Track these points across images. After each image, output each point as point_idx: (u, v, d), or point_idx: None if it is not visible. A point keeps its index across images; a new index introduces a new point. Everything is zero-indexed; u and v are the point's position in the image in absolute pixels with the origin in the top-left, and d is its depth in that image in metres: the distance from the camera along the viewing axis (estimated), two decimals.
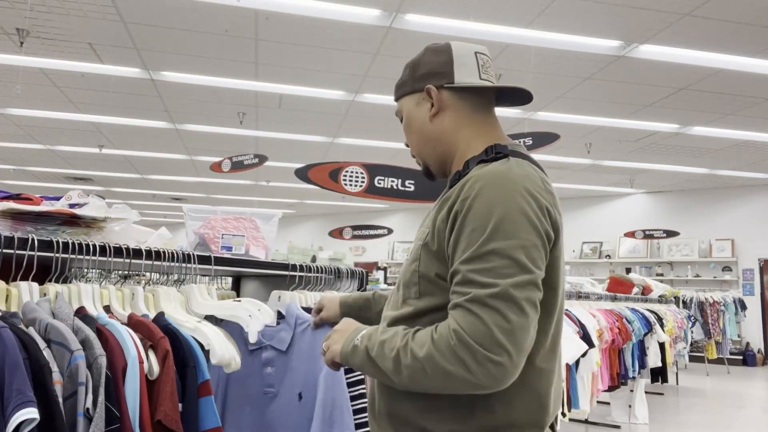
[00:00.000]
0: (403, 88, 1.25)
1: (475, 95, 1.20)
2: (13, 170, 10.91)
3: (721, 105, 6.33)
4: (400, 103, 1.26)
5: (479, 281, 0.96)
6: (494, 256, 0.97)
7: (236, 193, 12.92)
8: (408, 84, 1.24)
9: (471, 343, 0.93)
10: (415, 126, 1.22)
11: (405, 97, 1.24)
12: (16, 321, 1.12)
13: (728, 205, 10.60)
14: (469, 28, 4.68)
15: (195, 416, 1.22)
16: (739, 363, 9.86)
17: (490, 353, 0.92)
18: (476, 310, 0.95)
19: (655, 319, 5.37)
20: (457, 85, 1.18)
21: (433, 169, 1.25)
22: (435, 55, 1.20)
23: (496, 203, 1.00)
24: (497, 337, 0.93)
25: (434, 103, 1.19)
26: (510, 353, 0.93)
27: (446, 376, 0.95)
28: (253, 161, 6.67)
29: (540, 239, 1.00)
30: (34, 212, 1.44)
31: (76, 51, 5.38)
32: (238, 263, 1.76)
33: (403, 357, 1.01)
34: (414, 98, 1.22)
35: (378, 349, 1.06)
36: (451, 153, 1.20)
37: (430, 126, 1.20)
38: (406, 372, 1.00)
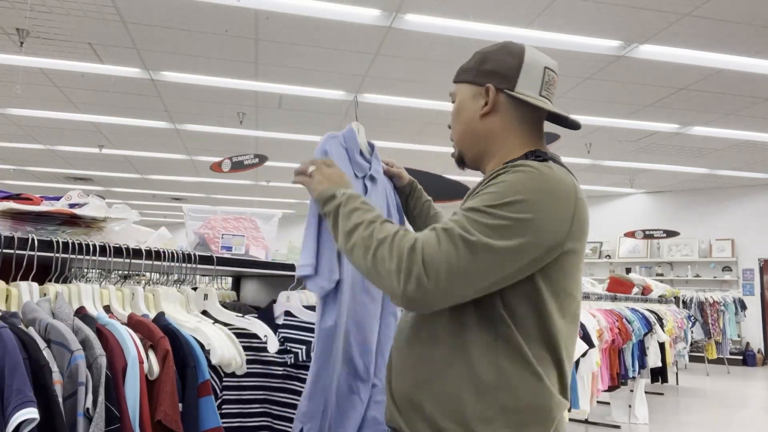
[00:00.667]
0: (465, 75, 1.24)
1: (529, 108, 1.20)
2: (13, 170, 10.91)
3: (721, 105, 6.33)
4: (458, 88, 1.26)
5: (464, 224, 1.01)
6: (493, 217, 1.01)
7: (236, 193, 12.92)
8: (471, 73, 1.23)
9: (418, 256, 0.99)
10: (464, 116, 1.23)
11: (464, 84, 1.24)
12: (16, 321, 1.12)
13: (728, 205, 10.60)
14: (469, 28, 4.68)
15: (195, 416, 1.23)
16: (739, 363, 9.86)
17: (423, 273, 0.98)
18: (442, 238, 1.00)
19: (655, 319, 5.37)
20: (515, 94, 1.17)
21: (467, 160, 1.27)
22: (506, 56, 1.20)
23: (526, 188, 1.03)
24: (439, 265, 0.98)
25: (489, 102, 1.19)
26: (438, 284, 0.98)
27: (380, 264, 1.03)
28: (253, 161, 6.68)
29: (543, 243, 1.02)
30: (34, 212, 1.44)
31: (76, 51, 5.38)
32: (238, 263, 1.76)
33: (362, 229, 1.09)
34: (472, 89, 1.22)
35: (348, 211, 1.14)
36: (490, 154, 1.22)
37: (478, 122, 1.21)
38: (354, 239, 1.09)
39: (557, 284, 1.08)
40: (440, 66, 5.48)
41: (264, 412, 1.64)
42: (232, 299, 1.96)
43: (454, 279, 0.98)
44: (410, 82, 5.90)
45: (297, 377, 1.62)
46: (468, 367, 1.07)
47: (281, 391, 1.64)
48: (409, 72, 5.67)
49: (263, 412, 1.64)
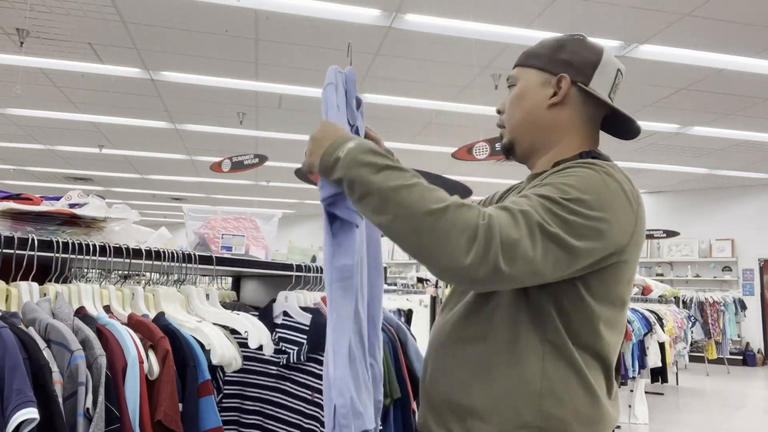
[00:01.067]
0: (534, 60, 1.16)
1: (596, 108, 1.16)
2: (13, 170, 10.91)
3: (721, 105, 6.33)
4: (522, 72, 1.18)
5: (541, 213, 0.93)
6: (570, 212, 0.95)
7: (236, 193, 12.92)
8: (542, 59, 1.15)
9: (497, 237, 0.89)
10: (527, 104, 1.15)
11: (532, 69, 1.16)
12: (16, 321, 1.12)
13: (728, 205, 10.60)
14: (469, 28, 4.68)
15: (195, 416, 1.23)
16: (739, 363, 9.86)
17: (501, 255, 0.89)
18: (520, 222, 0.92)
19: (655, 319, 5.37)
20: (589, 89, 1.13)
21: (518, 150, 1.19)
22: (584, 50, 1.15)
23: (600, 188, 0.99)
24: (517, 250, 0.90)
25: (560, 93, 1.13)
26: (512, 269, 0.90)
27: (439, 237, 0.89)
28: (253, 161, 6.68)
29: (608, 248, 0.98)
30: (34, 212, 1.44)
31: (76, 51, 5.38)
32: (238, 263, 1.76)
33: (407, 193, 0.92)
34: (541, 76, 1.15)
35: (377, 167, 0.96)
36: (547, 148, 1.16)
37: (544, 112, 1.14)
38: (396, 208, 0.92)
39: (611, 292, 1.04)
40: (440, 66, 5.48)
41: (257, 411, 1.65)
42: (232, 299, 1.96)
43: (526, 266, 0.91)
44: (410, 82, 5.90)
45: (290, 378, 1.62)
46: (516, 371, 1.02)
47: (275, 391, 1.64)
48: (409, 72, 5.66)
49: (257, 411, 1.65)
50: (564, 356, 1.02)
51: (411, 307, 5.01)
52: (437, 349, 1.14)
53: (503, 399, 1.02)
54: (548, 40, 1.18)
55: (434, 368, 1.13)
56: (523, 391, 1.01)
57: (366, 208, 0.97)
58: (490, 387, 1.03)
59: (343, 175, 0.98)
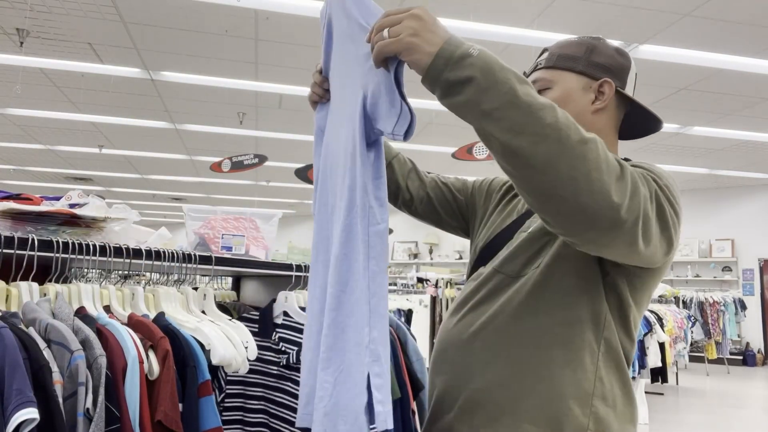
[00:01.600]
0: (571, 63, 1.11)
1: (621, 112, 1.16)
2: (13, 170, 10.91)
3: (721, 105, 6.33)
4: (558, 75, 1.11)
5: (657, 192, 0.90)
6: (673, 202, 0.92)
7: (236, 193, 12.92)
8: (580, 62, 1.11)
9: (640, 186, 0.84)
10: (572, 109, 1.05)
11: (569, 72, 1.11)
12: (16, 321, 1.12)
13: (728, 205, 10.60)
14: (469, 28, 4.68)
15: (195, 416, 1.22)
16: (739, 363, 9.86)
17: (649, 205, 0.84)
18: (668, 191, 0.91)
19: (654, 319, 5.37)
20: (628, 94, 1.12)
21: None
22: (617, 54, 1.13)
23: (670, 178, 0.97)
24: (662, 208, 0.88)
25: (605, 99, 1.10)
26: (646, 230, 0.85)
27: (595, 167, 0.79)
28: (253, 161, 6.68)
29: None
30: (34, 212, 1.44)
31: (76, 51, 5.38)
32: (238, 263, 1.76)
33: (553, 112, 0.80)
34: (582, 81, 1.11)
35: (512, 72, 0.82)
36: None
37: (589, 117, 1.10)
38: (545, 128, 0.78)
39: (647, 294, 1.05)
40: None
41: (262, 410, 1.65)
42: (232, 299, 1.96)
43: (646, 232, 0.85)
44: (410, 82, 5.89)
45: (290, 378, 1.62)
46: (569, 370, 0.98)
47: (278, 391, 1.64)
48: (409, 72, 5.66)
49: (262, 409, 1.65)
50: (613, 356, 1.01)
51: (411, 307, 5.01)
52: (462, 349, 1.08)
53: (555, 400, 0.98)
54: (574, 42, 1.14)
55: (463, 369, 1.07)
56: (576, 392, 0.98)
57: (499, 125, 0.80)
58: (541, 387, 0.99)
59: (477, 74, 0.80)
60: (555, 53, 1.13)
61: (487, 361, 1.05)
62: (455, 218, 1.38)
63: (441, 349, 1.15)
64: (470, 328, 1.09)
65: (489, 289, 1.10)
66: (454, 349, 1.10)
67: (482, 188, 1.37)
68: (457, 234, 1.42)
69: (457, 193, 1.37)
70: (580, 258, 0.99)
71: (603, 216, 0.80)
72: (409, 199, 1.36)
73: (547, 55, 1.14)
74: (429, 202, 1.36)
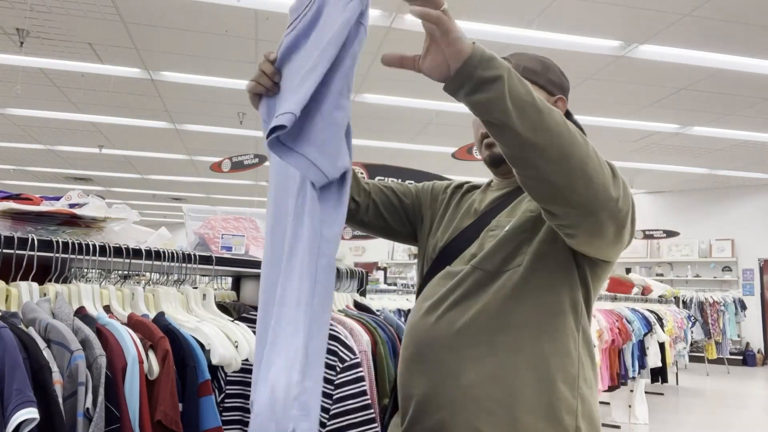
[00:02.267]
0: (534, 76, 1.16)
1: None
2: (13, 170, 10.91)
3: (721, 105, 6.33)
4: None
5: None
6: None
7: (236, 193, 12.92)
8: (541, 77, 1.17)
9: (627, 186, 0.97)
10: None
11: (533, 85, 1.07)
12: (16, 321, 1.12)
13: (728, 205, 10.60)
14: (470, 28, 4.68)
15: (195, 416, 1.23)
16: (739, 363, 9.86)
17: (630, 208, 0.98)
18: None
19: (655, 319, 5.37)
20: (571, 113, 1.20)
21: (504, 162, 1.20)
22: (563, 76, 1.22)
23: None
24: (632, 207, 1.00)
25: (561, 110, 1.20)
26: (629, 222, 0.99)
27: (598, 164, 0.90)
28: (253, 161, 6.67)
29: None
30: (34, 212, 1.44)
31: (76, 51, 5.38)
32: (238, 263, 1.76)
33: (560, 115, 0.90)
34: (542, 95, 1.16)
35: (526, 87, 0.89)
36: None
37: None
38: (558, 126, 0.87)
39: (601, 286, 1.17)
40: None
41: None
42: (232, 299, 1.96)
43: (630, 225, 1.02)
44: (410, 82, 5.90)
45: None
46: (560, 357, 1.06)
47: None
48: (409, 72, 5.65)
49: None
50: (586, 340, 1.11)
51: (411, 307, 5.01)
52: (446, 347, 1.10)
53: (548, 387, 1.04)
54: (530, 57, 1.20)
55: (450, 367, 1.09)
56: (565, 377, 1.06)
57: (522, 121, 0.86)
58: (534, 376, 1.04)
59: (505, 74, 0.86)
60: (519, 64, 1.16)
61: (477, 356, 1.07)
62: (401, 223, 1.37)
63: (416, 350, 1.15)
64: (454, 326, 1.10)
65: (468, 286, 1.12)
66: (438, 347, 1.11)
67: (426, 191, 1.39)
68: (403, 241, 1.42)
69: (402, 197, 1.37)
70: (561, 252, 1.08)
71: (605, 206, 0.90)
72: (355, 208, 1.31)
73: (513, 65, 1.13)
74: (375, 208, 1.33)
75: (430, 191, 1.38)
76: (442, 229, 1.28)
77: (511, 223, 1.13)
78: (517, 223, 1.12)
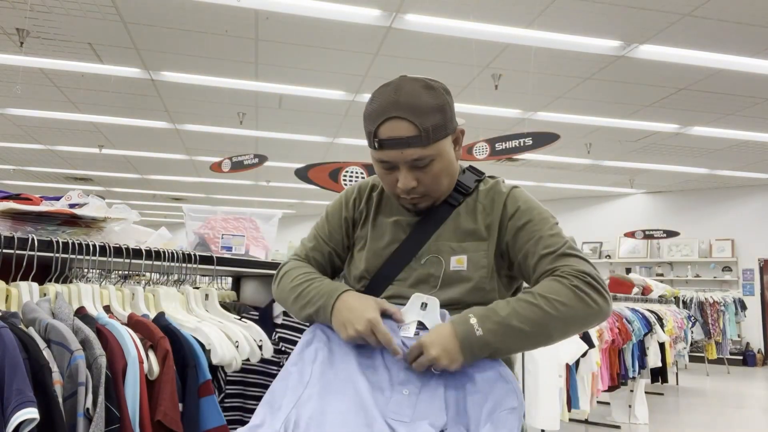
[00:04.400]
0: (444, 132, 1.19)
1: None
2: (13, 170, 10.91)
3: (721, 105, 6.33)
4: (437, 146, 1.18)
5: (561, 242, 1.19)
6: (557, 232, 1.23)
7: (236, 193, 12.92)
8: (447, 127, 1.20)
9: (598, 280, 1.14)
10: (450, 167, 1.23)
11: (444, 139, 1.20)
12: (16, 321, 1.12)
13: (728, 205, 10.59)
14: (469, 28, 4.68)
15: (196, 416, 1.22)
16: (739, 363, 9.86)
17: (606, 289, 1.15)
18: (583, 257, 1.17)
19: (655, 320, 5.37)
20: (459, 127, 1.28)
21: (434, 203, 1.27)
22: (450, 96, 1.25)
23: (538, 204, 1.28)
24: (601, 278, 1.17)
25: (461, 143, 1.28)
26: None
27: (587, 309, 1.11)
28: (253, 161, 6.67)
29: None
30: (34, 212, 1.44)
31: (76, 51, 5.38)
32: (238, 263, 1.76)
33: (548, 306, 1.10)
34: (449, 139, 1.22)
35: (513, 316, 1.10)
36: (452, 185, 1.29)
37: (455, 164, 1.27)
38: (556, 313, 1.09)
39: None
40: (440, 66, 5.48)
41: None
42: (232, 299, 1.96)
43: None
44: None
45: None
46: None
47: None
48: (409, 72, 5.65)
49: None
50: None
51: None
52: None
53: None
54: (432, 106, 1.16)
55: None
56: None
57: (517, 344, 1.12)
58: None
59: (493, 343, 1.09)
60: (428, 128, 1.15)
61: None
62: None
63: None
64: None
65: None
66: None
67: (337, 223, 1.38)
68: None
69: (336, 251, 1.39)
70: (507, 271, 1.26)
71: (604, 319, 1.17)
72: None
73: (420, 130, 1.15)
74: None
75: (342, 220, 1.38)
76: (379, 240, 1.31)
77: (462, 255, 1.23)
78: (473, 260, 1.23)
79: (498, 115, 6.81)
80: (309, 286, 1.24)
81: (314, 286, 1.23)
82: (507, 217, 1.23)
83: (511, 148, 5.29)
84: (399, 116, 1.15)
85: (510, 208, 1.23)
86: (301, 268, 1.30)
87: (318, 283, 1.24)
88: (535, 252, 1.17)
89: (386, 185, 1.26)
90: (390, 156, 1.18)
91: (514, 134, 5.39)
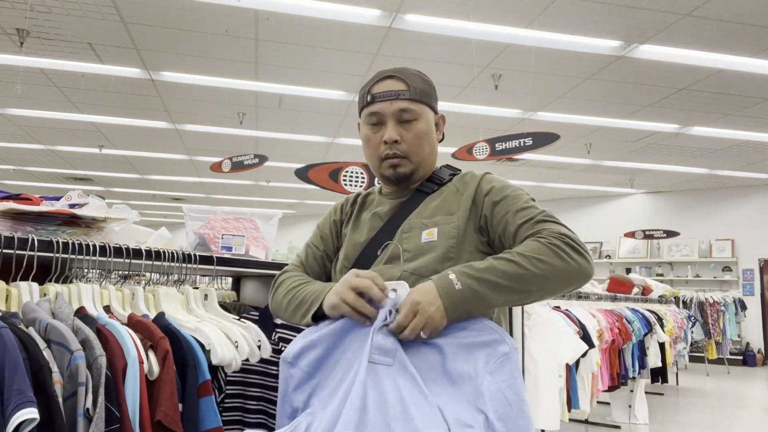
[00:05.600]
0: (428, 99, 1.33)
1: None
2: (13, 170, 10.91)
3: (721, 105, 6.33)
4: (421, 108, 1.31)
5: (538, 210, 1.22)
6: (534, 205, 1.26)
7: (236, 193, 12.92)
8: (432, 98, 1.34)
9: (577, 241, 1.15)
10: (432, 141, 1.35)
11: (427, 107, 1.33)
12: (16, 321, 1.12)
13: (728, 205, 10.59)
14: (469, 28, 4.68)
15: (195, 416, 1.22)
16: (739, 363, 9.86)
17: (586, 250, 1.17)
18: (561, 222, 1.19)
19: (655, 320, 5.37)
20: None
21: (414, 178, 1.35)
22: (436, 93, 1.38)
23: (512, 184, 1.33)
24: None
25: (442, 130, 1.40)
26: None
27: (566, 265, 1.12)
28: (253, 161, 6.67)
29: None
30: (34, 212, 1.44)
31: (76, 51, 5.38)
32: (238, 263, 1.76)
33: (525, 262, 1.11)
34: (432, 114, 1.35)
35: (490, 270, 1.12)
36: (428, 172, 1.38)
37: (436, 147, 1.38)
38: (535, 269, 1.11)
39: None
40: (440, 66, 5.48)
41: (261, 410, 1.65)
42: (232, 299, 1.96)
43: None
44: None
45: None
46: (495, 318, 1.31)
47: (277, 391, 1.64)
48: None
49: (261, 410, 1.65)
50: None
51: None
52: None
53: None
54: (419, 77, 1.33)
55: None
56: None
57: (500, 296, 1.12)
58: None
59: (476, 289, 1.10)
60: (416, 87, 1.31)
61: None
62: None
63: None
64: None
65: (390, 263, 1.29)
66: None
67: (328, 229, 1.48)
68: None
69: (327, 254, 1.46)
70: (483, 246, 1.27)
71: (587, 279, 1.17)
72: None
73: (410, 87, 1.30)
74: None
75: (331, 224, 1.47)
76: (344, 248, 1.38)
77: (433, 228, 1.26)
78: (443, 231, 1.25)
79: (498, 115, 6.81)
80: (301, 290, 1.29)
81: (307, 288, 1.28)
82: (483, 193, 1.28)
83: (511, 148, 5.30)
84: (392, 75, 1.31)
85: (485, 186, 1.29)
86: (293, 277, 1.36)
87: (310, 285, 1.29)
88: (514, 221, 1.21)
89: (372, 148, 1.33)
90: (380, 107, 1.29)
91: (514, 134, 5.39)
